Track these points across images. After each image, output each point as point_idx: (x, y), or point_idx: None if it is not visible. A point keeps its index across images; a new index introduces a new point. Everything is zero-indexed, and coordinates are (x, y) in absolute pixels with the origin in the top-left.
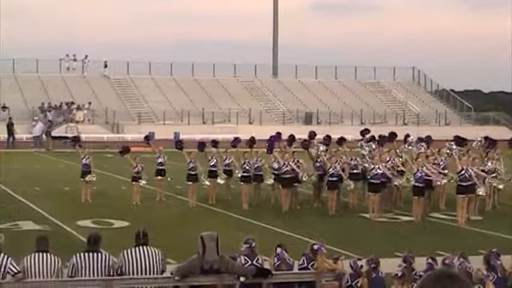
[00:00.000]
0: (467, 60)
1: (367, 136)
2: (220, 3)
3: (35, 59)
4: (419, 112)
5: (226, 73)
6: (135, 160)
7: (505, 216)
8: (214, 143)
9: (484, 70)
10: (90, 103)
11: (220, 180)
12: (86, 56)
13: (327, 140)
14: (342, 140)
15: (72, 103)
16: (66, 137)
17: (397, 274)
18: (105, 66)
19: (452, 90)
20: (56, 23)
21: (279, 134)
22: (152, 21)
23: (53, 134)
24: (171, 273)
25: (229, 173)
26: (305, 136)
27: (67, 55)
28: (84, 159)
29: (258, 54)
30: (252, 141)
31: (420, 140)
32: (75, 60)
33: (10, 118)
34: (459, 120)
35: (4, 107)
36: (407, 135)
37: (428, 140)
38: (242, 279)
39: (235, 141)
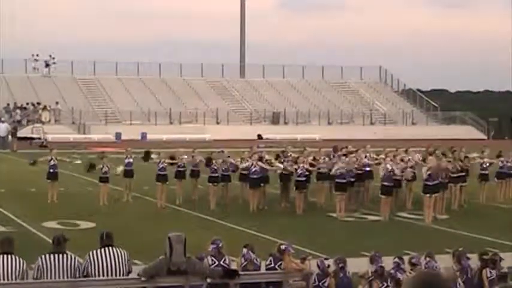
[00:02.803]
0: (433, 60)
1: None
2: (187, 2)
3: (0, 58)
4: (386, 112)
5: (193, 73)
6: (102, 160)
7: (471, 215)
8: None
9: (450, 70)
10: (57, 103)
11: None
12: (51, 56)
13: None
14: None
15: (38, 103)
16: (32, 138)
17: (374, 271)
18: (46, 65)
19: (419, 90)
20: (21, 23)
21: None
22: (118, 21)
23: (19, 134)
24: (138, 274)
25: (196, 173)
26: (273, 135)
27: (32, 55)
28: (52, 161)
29: (225, 54)
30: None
31: None
32: (37, 60)
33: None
34: (426, 120)
35: None
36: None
37: None
38: (209, 280)
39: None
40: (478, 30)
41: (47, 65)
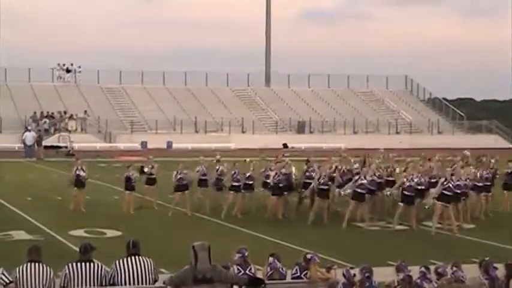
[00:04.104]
0: (459, 69)
1: None
2: (212, 11)
3: (28, 68)
4: (412, 121)
5: (218, 82)
6: (128, 169)
7: (497, 224)
8: None
9: (476, 78)
10: (86, 112)
11: None
12: (72, 64)
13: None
14: None
15: (65, 112)
16: (59, 146)
17: (402, 279)
18: (68, 71)
19: (445, 99)
20: (49, 32)
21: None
22: (144, 30)
23: (45, 143)
24: (164, 283)
25: (220, 182)
26: (298, 144)
27: (58, 64)
28: (77, 170)
29: (251, 63)
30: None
31: None
32: (62, 69)
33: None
34: (452, 129)
35: None
36: None
37: None
38: None
39: None
40: (500, 38)
41: (68, 71)
